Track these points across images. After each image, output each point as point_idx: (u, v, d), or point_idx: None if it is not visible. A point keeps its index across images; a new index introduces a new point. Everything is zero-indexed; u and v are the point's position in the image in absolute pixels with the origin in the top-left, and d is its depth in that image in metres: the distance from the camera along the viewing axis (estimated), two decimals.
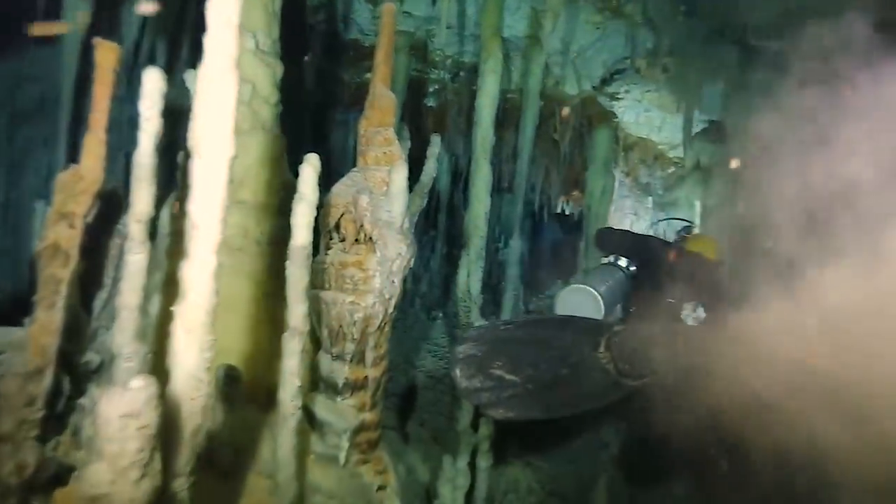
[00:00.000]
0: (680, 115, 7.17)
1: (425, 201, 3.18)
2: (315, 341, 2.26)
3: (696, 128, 6.13)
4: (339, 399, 2.22)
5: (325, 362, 2.24)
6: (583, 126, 5.13)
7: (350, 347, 2.18)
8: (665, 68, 6.46)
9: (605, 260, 3.34)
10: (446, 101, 5.52)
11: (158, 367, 1.36)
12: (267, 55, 2.51)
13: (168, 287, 2.12)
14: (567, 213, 7.72)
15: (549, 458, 4.50)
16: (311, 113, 5.15)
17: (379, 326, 2.21)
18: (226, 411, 1.90)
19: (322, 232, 2.24)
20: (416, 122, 5.54)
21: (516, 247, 4.86)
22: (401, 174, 2.16)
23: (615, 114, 5.03)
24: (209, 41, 1.25)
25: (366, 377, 2.25)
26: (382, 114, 2.32)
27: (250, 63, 2.42)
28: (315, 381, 2.27)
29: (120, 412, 1.06)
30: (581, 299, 2.77)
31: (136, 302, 1.60)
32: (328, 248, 2.25)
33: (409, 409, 4.42)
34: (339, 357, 2.21)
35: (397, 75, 4.87)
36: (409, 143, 3.23)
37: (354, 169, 2.30)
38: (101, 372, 1.92)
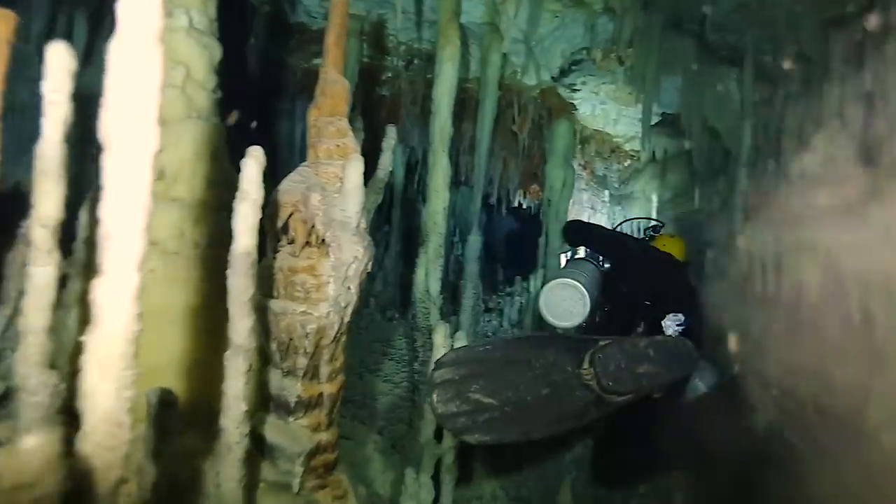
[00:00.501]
0: (635, 107, 7.17)
1: (381, 197, 2.98)
2: (263, 355, 2.03)
3: (653, 120, 6.09)
4: (291, 419, 2.00)
5: (275, 379, 2.01)
6: (542, 118, 5.00)
7: (302, 362, 1.96)
8: (621, 60, 6.41)
9: (581, 254, 3.25)
10: (400, 90, 5.29)
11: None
12: (203, 35, 2.24)
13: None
14: (525, 206, 7.63)
15: (512, 462, 4.38)
16: (254, 101, 4.83)
17: (334, 338, 2.00)
18: (159, 443, 1.66)
19: (268, 234, 2.00)
20: (368, 113, 5.30)
21: (475, 242, 4.70)
22: (356, 169, 1.94)
23: (575, 105, 4.91)
24: (124, 7, 1.01)
25: (321, 394, 2.03)
26: (334, 102, 2.09)
27: (183, 43, 2.15)
28: (264, 400, 2.04)
29: (10, 482, 0.82)
30: (567, 294, 2.68)
31: (43, 323, 1.34)
32: (276, 251, 2.01)
33: (366, 416, 4.21)
34: (290, 373, 1.99)
35: (348, 62, 4.61)
36: (363, 135, 3.00)
37: (304, 163, 2.07)
38: (7, 403, 1.64)
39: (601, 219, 7.88)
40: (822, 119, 4.73)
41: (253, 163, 1.60)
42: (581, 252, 3.20)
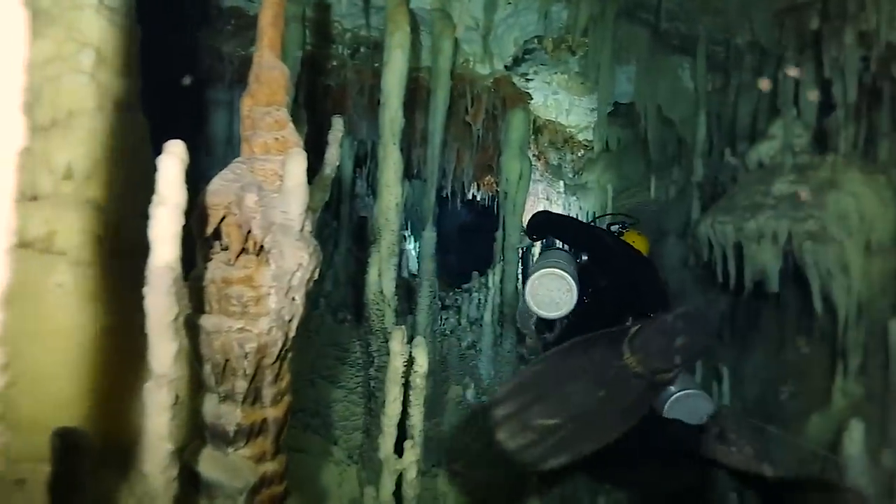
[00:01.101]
0: (588, 97, 7.10)
1: (327, 195, 2.74)
2: (196, 379, 1.79)
3: (605, 112, 6.01)
4: (230, 450, 1.76)
5: (211, 405, 1.77)
6: (496, 108, 4.83)
7: (242, 385, 1.72)
8: (573, 50, 6.31)
9: (557, 245, 3.15)
10: (346, 80, 5.02)
11: None
12: (116, 14, 1.96)
13: None
14: (481, 199, 7.47)
15: (475, 464, 4.22)
16: (182, 90, 4.46)
17: (278, 356, 1.76)
18: (68, 494, 1.40)
19: (198, 241, 1.75)
20: (312, 104, 5.01)
21: (430, 238, 4.50)
22: (297, 164, 1.71)
23: (530, 94, 4.76)
24: None
25: (264, 420, 1.80)
26: (271, 89, 1.85)
27: (92, 22, 1.86)
28: (199, 429, 1.79)
29: None
30: (555, 285, 2.59)
31: None
32: (207, 260, 1.76)
33: (320, 426, 3.97)
34: (228, 398, 1.75)
35: (289, 48, 4.33)
36: (305, 128, 2.75)
37: (238, 159, 1.82)
38: None
39: (557, 210, 7.81)
40: (776, 107, 4.74)
41: (172, 160, 1.36)
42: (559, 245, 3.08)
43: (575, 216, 7.57)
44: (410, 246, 10.49)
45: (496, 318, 4.84)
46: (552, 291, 2.62)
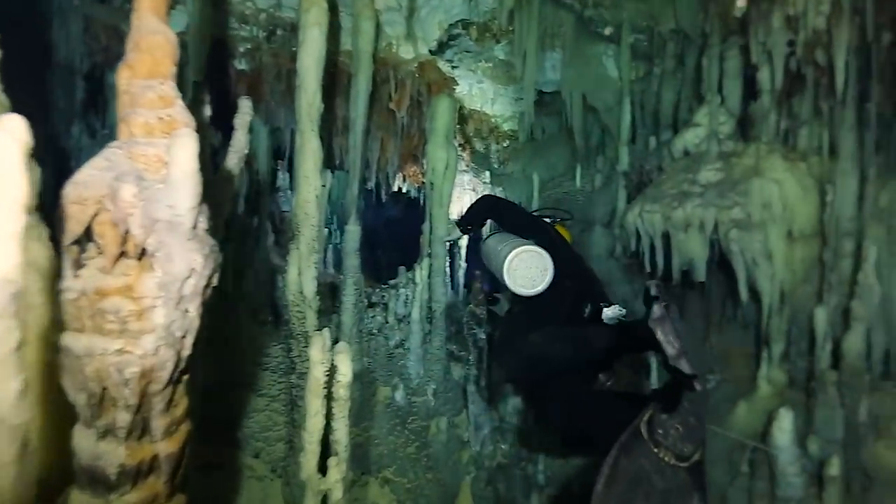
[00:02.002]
0: (513, 87, 7.00)
1: (237, 186, 2.44)
2: (66, 409, 1.47)
3: (531, 99, 5.91)
4: (114, 497, 1.45)
5: (87, 443, 1.45)
6: (420, 94, 4.61)
7: (124, 418, 1.42)
8: (497, 38, 6.17)
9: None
10: (262, 63, 4.64)
11: None
12: None
13: None
14: (407, 191, 7.23)
15: (406, 470, 4.02)
16: (46, 64, 3.93)
17: (170, 380, 1.47)
18: None
19: (63, 244, 1.43)
20: (223, 89, 4.61)
21: (354, 233, 4.22)
22: (186, 149, 1.42)
23: (456, 80, 4.57)
24: None
25: (155, 456, 1.50)
26: (154, 59, 1.54)
27: None
28: (73, 474, 1.48)
29: None
30: (533, 262, 2.60)
31: None
32: (76, 268, 1.44)
33: (239, 438, 3.64)
34: (108, 433, 1.44)
35: (197, 27, 3.93)
36: (208, 110, 2.43)
37: (113, 143, 1.51)
38: None
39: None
40: (701, 95, 4.77)
41: (9, 143, 1.06)
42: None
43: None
44: (338, 241, 10.11)
45: (424, 314, 4.63)
46: (530, 269, 2.62)
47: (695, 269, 4.27)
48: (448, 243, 4.84)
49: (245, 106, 2.49)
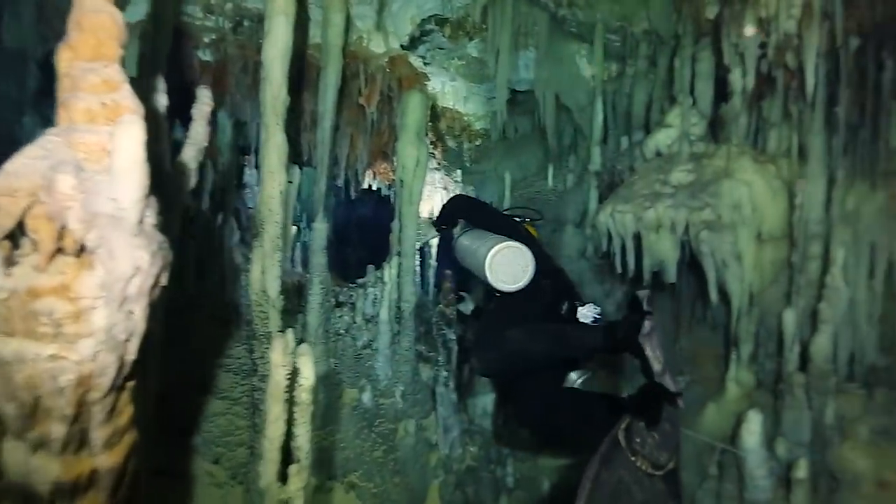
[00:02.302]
0: (486, 85, 6.94)
1: (193, 179, 2.32)
2: None
3: (504, 97, 5.86)
4: None
5: (17, 457, 1.33)
6: (391, 89, 4.51)
7: (59, 430, 1.31)
8: (470, 35, 6.11)
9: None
10: (227, 55, 4.48)
11: None
12: None
13: None
14: (378, 189, 7.11)
15: (373, 474, 3.92)
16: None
17: (112, 387, 1.36)
18: None
19: None
20: (187, 81, 4.44)
21: (321, 230, 4.10)
22: (132, 136, 1.31)
23: (427, 76, 4.48)
24: None
25: (94, 471, 1.39)
26: (98, 40, 1.42)
27: None
28: (3, 491, 1.35)
29: None
30: (516, 259, 2.61)
31: None
32: (8, 266, 1.32)
33: (198, 444, 3.50)
34: (41, 447, 1.32)
35: (157, 17, 3.76)
36: (164, 99, 2.30)
37: (51, 130, 1.38)
38: None
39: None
40: (673, 96, 4.78)
41: None
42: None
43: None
44: (306, 239, 9.92)
45: (393, 314, 4.54)
46: (511, 265, 2.62)
47: (665, 270, 4.27)
48: (419, 242, 4.77)
49: (204, 96, 2.37)
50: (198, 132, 2.31)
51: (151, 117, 2.23)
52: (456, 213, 3.35)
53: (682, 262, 4.28)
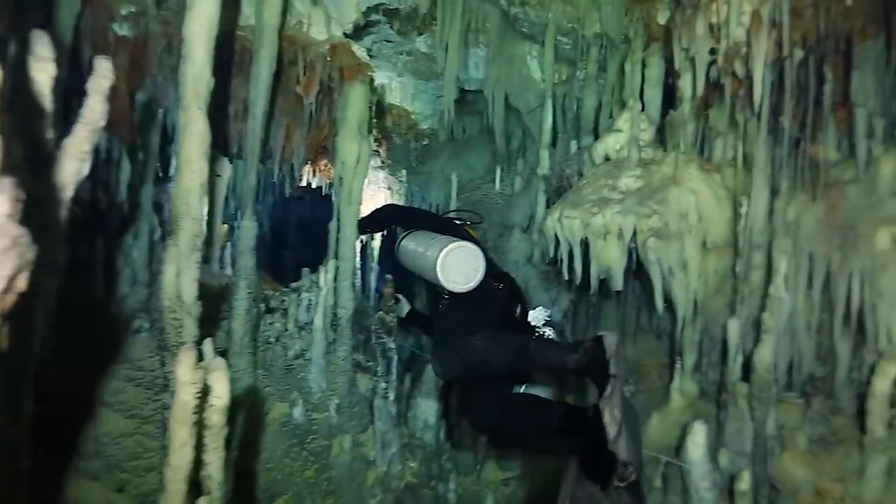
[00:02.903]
0: (434, 83, 6.72)
1: (86, 164, 1.97)
2: None
3: (452, 95, 5.64)
4: None
5: None
6: (332, 80, 4.20)
7: None
8: (420, 30, 5.87)
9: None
10: (148, 31, 4.05)
11: None
12: None
13: None
14: (315, 186, 6.74)
15: (303, 496, 3.60)
16: None
17: None
18: None
19: None
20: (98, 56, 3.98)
21: (249, 230, 3.75)
22: None
23: (371, 67, 4.20)
24: None
25: None
26: None
27: None
28: None
29: None
30: (467, 260, 2.60)
31: None
32: None
33: (100, 469, 3.09)
34: None
35: None
36: (49, 69, 1.94)
37: None
38: None
39: (399, 200, 7.34)
40: (623, 101, 4.68)
41: None
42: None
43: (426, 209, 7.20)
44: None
45: (329, 321, 4.22)
46: (463, 265, 2.59)
47: (612, 277, 4.14)
48: (361, 243, 4.47)
49: (102, 68, 2.02)
50: (93, 110, 1.96)
51: (26, 86, 1.87)
52: (386, 220, 3.36)
53: (628, 270, 4.16)
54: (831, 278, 3.31)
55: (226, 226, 6.36)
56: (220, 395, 2.14)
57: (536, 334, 2.71)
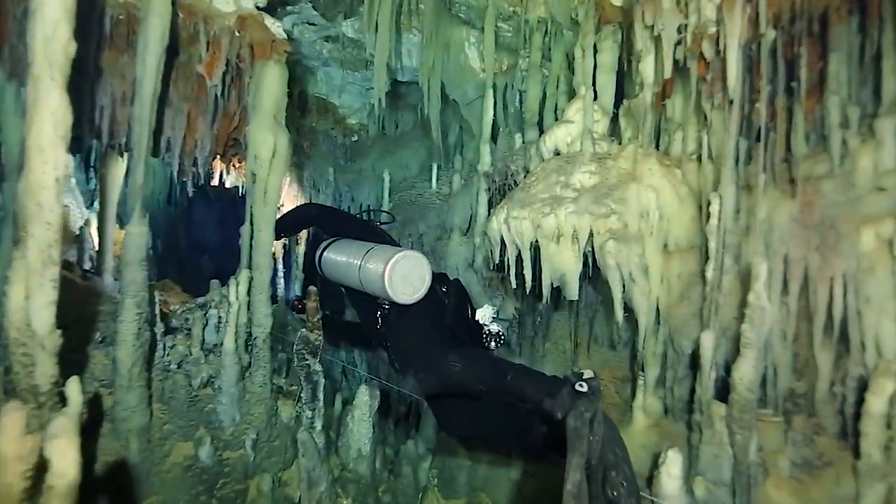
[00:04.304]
0: (363, 73, 6.16)
1: None
2: None
3: (383, 84, 5.09)
4: None
5: None
6: (241, 59, 3.57)
7: None
8: (346, 13, 5.31)
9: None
10: None
11: None
12: None
13: None
14: (228, 185, 6.01)
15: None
16: None
17: None
18: None
19: None
20: None
21: (138, 236, 3.07)
22: None
23: (287, 44, 3.60)
24: None
25: None
26: None
27: None
28: None
29: None
30: (415, 271, 2.57)
31: None
32: None
33: None
34: None
35: None
36: None
37: None
38: None
39: (325, 201, 6.71)
40: (572, 90, 4.28)
41: None
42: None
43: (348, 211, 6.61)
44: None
45: (242, 342, 3.59)
46: (410, 276, 2.55)
47: (567, 285, 3.71)
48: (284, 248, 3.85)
49: None
50: None
51: None
52: (304, 222, 3.31)
53: (584, 276, 3.75)
54: (810, 282, 3.00)
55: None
56: (64, 471, 1.53)
57: (485, 332, 2.71)
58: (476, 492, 4.53)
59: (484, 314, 2.73)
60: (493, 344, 2.76)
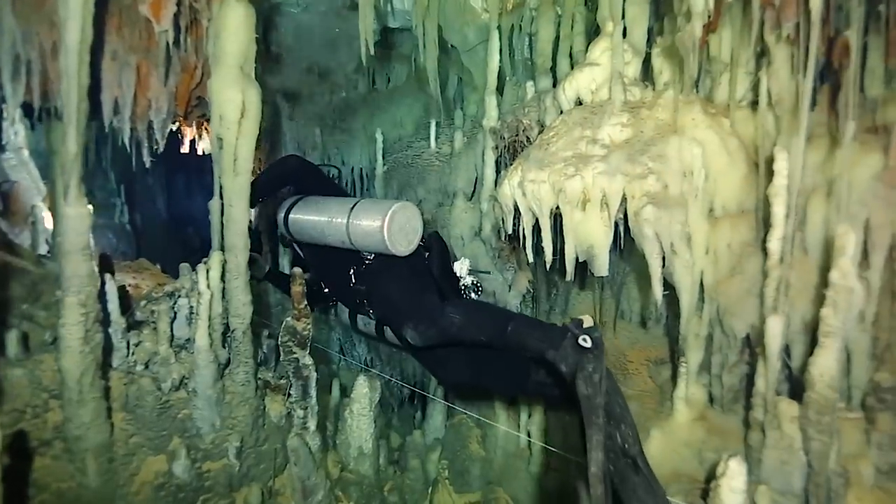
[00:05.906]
0: (351, 21, 5.47)
1: None
2: None
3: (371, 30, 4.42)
4: None
5: None
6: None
7: None
8: None
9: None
10: None
11: None
12: None
13: None
14: (200, 152, 5.39)
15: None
16: None
17: None
18: None
19: None
20: None
21: (77, 218, 2.51)
22: None
23: None
24: None
25: None
26: None
27: None
28: None
29: None
30: (409, 222, 2.61)
31: None
32: None
33: None
34: None
35: None
36: None
37: None
38: None
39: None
40: (596, 28, 3.64)
41: None
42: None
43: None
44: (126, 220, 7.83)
45: (218, 337, 3.07)
46: (404, 228, 2.58)
47: (595, 259, 3.17)
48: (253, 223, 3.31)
49: None
50: None
51: None
52: (284, 180, 3.19)
53: (615, 246, 3.21)
54: (895, 253, 2.47)
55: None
56: None
57: (462, 285, 2.88)
58: (491, 485, 4.10)
59: (461, 267, 2.92)
60: (472, 295, 2.92)
